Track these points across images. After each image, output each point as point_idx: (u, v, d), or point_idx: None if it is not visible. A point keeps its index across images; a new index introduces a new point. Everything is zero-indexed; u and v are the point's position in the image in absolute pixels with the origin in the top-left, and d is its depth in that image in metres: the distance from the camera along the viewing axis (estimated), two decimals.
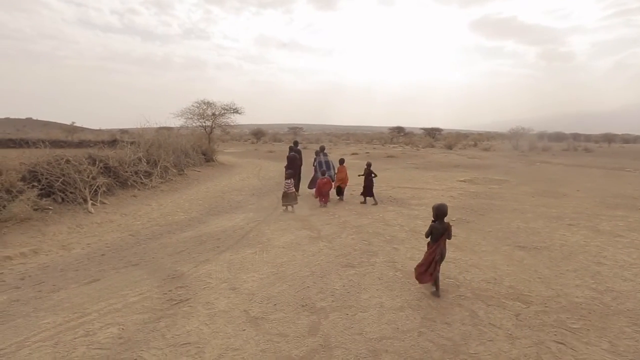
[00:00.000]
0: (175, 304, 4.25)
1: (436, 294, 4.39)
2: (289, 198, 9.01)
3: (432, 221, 4.48)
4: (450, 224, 4.47)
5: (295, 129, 66.97)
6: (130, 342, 3.46)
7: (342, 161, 10.55)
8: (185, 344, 3.43)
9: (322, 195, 9.67)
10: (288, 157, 10.83)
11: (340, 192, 10.38)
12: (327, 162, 10.60)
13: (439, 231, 4.41)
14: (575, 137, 60.72)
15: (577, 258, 5.69)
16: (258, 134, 55.06)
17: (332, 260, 5.59)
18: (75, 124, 56.27)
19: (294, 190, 9.40)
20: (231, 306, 4.16)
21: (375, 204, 9.73)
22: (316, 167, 10.62)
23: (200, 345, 3.39)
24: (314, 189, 10.40)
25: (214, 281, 4.88)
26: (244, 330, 3.66)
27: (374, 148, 38.16)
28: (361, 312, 4.00)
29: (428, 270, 4.36)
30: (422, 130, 60.78)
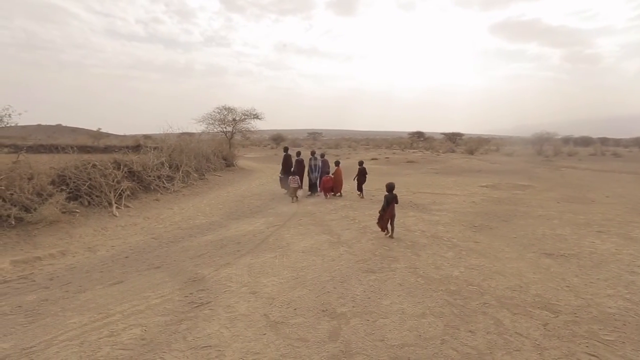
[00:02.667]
0: (196, 306, 4.29)
1: (391, 237, 6.96)
2: (293, 190, 11.09)
3: (386, 194, 7.03)
4: (397, 195, 7.12)
5: (314, 134, 67.15)
6: (152, 344, 3.50)
7: (337, 163, 11.96)
8: (206, 346, 3.44)
9: (326, 190, 11.42)
10: (284, 157, 12.95)
11: (327, 191, 11.67)
12: (316, 166, 12.12)
13: (390, 198, 6.96)
14: (603, 141, 58.52)
15: (608, 267, 5.46)
16: (278, 139, 55.43)
17: (353, 265, 5.54)
18: (101, 130, 57.90)
19: (298, 184, 11.32)
20: (251, 310, 4.17)
21: (362, 197, 11.44)
22: (309, 169, 12.22)
23: (221, 349, 3.40)
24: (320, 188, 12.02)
25: (234, 285, 4.90)
26: (264, 334, 3.65)
27: (394, 153, 37.88)
28: (382, 318, 3.94)
29: (384, 223, 6.99)
30: (443, 135, 59.88)
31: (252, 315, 4.03)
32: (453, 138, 55.54)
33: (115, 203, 9.11)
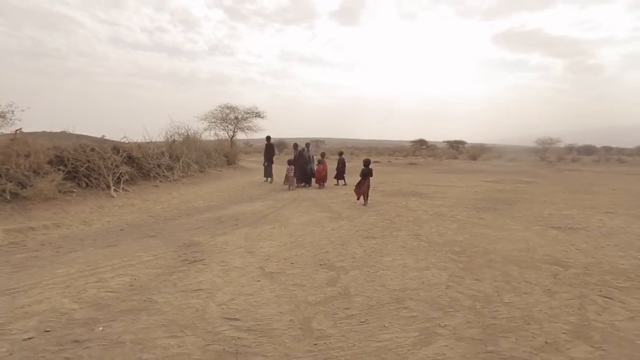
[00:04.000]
0: (189, 263, 4.11)
1: (365, 204, 7.84)
2: (289, 179, 11.38)
3: (362, 168, 8.19)
4: (372, 168, 8.37)
5: (316, 142, 67.02)
6: (141, 289, 3.33)
7: (323, 155, 12.48)
8: (197, 290, 3.28)
9: (320, 179, 11.63)
10: (266, 146, 13.99)
11: (321, 180, 11.86)
12: (310, 157, 12.23)
13: (366, 172, 8.09)
14: (607, 150, 58.10)
15: (618, 237, 5.26)
16: (280, 146, 55.32)
17: (353, 233, 5.37)
18: (105, 137, 57.83)
19: (293, 173, 11.44)
20: (246, 264, 4.00)
21: (345, 184, 11.82)
22: (307, 159, 12.17)
23: (212, 292, 3.23)
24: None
25: (230, 247, 4.74)
26: (259, 281, 3.48)
27: (396, 159, 37.72)
28: (383, 270, 3.76)
29: (361, 192, 7.99)
30: (446, 143, 59.65)
31: (247, 268, 3.87)
32: (455, 146, 55.29)
33: (114, 186, 8.98)
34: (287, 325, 2.61)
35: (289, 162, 11.75)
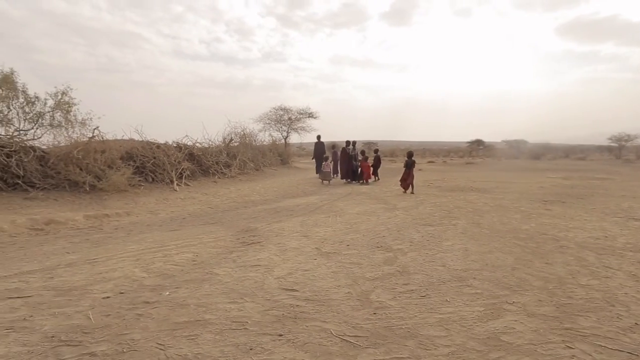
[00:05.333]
0: (247, 244, 4.23)
1: (412, 192, 8.36)
2: (325, 175, 11.68)
3: (406, 159, 8.75)
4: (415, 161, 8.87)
5: (369, 144, 66.59)
6: (202, 264, 3.47)
7: (363, 152, 12.08)
8: (255, 265, 3.35)
9: (365, 176, 11.64)
10: (315, 145, 14.76)
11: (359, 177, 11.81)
12: (355, 155, 12.12)
13: (410, 163, 8.59)
14: None
15: None
16: (333, 148, 55.56)
17: (409, 221, 5.23)
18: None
19: (330, 169, 11.95)
20: (302, 245, 4.03)
21: (378, 179, 12.21)
22: (354, 156, 12.10)
23: (270, 267, 3.29)
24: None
25: (286, 232, 4.81)
26: (315, 259, 3.49)
27: (451, 159, 36.41)
28: (442, 252, 3.61)
29: (407, 183, 8.46)
30: (505, 143, 56.39)
31: (304, 249, 3.90)
32: (516, 145, 52.09)
33: (176, 181, 9.54)
34: (345, 297, 2.59)
35: (325, 158, 12.11)
